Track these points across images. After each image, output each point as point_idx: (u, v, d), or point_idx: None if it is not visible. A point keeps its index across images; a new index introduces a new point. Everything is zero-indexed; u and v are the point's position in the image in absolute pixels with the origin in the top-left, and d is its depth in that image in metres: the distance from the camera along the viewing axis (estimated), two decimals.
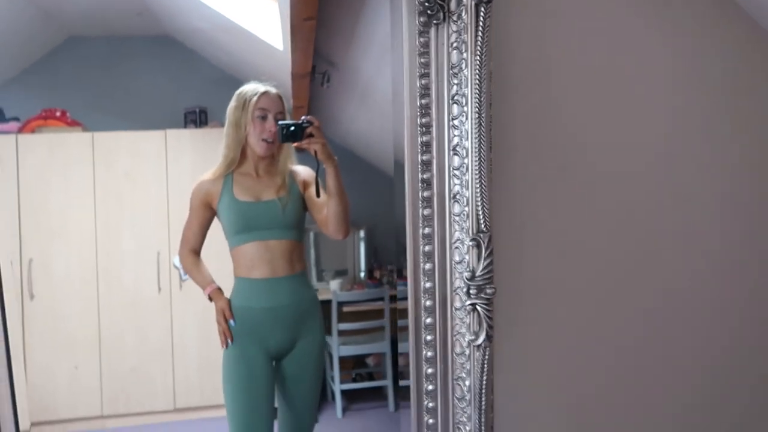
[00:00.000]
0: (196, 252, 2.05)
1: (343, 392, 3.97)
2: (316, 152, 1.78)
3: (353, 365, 4.59)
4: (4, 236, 3.79)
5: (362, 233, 5.01)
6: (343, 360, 4.11)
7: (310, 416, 2.03)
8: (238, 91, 1.96)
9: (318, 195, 1.91)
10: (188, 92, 4.38)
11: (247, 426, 1.87)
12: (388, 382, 3.99)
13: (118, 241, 3.94)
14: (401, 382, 1.08)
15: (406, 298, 1.00)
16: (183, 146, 3.98)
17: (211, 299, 1.97)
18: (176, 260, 4.38)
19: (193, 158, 3.95)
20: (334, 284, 4.32)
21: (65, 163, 3.87)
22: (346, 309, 4.15)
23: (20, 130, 3.86)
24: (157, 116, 4.39)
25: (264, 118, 1.90)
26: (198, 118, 4.23)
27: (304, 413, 2.01)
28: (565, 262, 1.10)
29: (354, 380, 4.52)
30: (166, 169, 3.96)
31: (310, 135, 1.75)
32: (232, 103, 1.95)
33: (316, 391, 2.05)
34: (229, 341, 1.90)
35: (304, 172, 2.03)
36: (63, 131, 3.90)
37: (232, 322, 1.91)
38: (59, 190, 3.87)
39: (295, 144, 1.80)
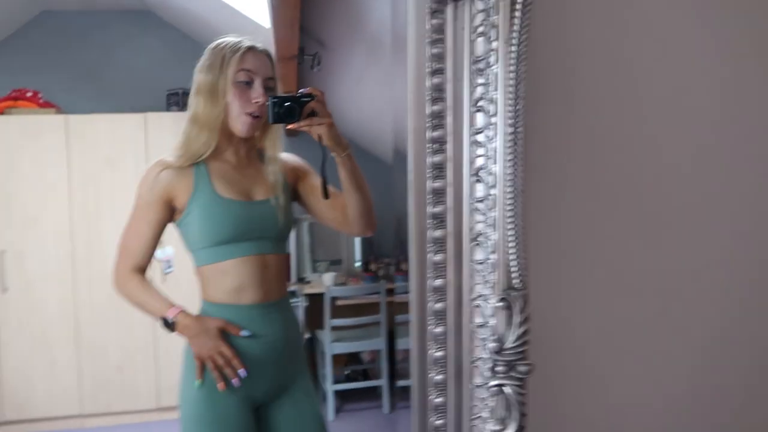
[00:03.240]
0: (142, 270, 1.49)
1: (336, 392, 3.76)
2: (320, 137, 1.32)
3: (346, 362, 4.39)
4: None
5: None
6: (336, 357, 3.90)
7: None
8: (212, 46, 1.43)
9: (326, 196, 1.43)
10: (171, 72, 4.08)
11: None
12: (383, 382, 3.79)
13: (96, 231, 3.69)
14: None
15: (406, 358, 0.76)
16: (165, 130, 3.70)
17: (172, 327, 1.42)
18: (159, 252, 4.15)
19: (175, 143, 3.68)
20: (327, 278, 4.09)
21: (38, 147, 3.59)
22: (340, 303, 3.94)
23: None
24: (138, 98, 4.10)
25: (249, 83, 1.39)
26: (181, 99, 3.94)
27: None
28: (618, 323, 0.84)
29: (348, 376, 4.32)
30: (147, 154, 3.68)
31: (312, 113, 1.29)
32: (204, 62, 1.42)
33: None
34: (242, 372, 1.39)
35: (291, 159, 1.56)
36: (34, 113, 3.62)
37: (245, 332, 1.40)
38: (32, 176, 3.60)
39: (292, 126, 1.29)
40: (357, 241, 4.61)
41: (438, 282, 0.70)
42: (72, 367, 3.72)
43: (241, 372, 1.41)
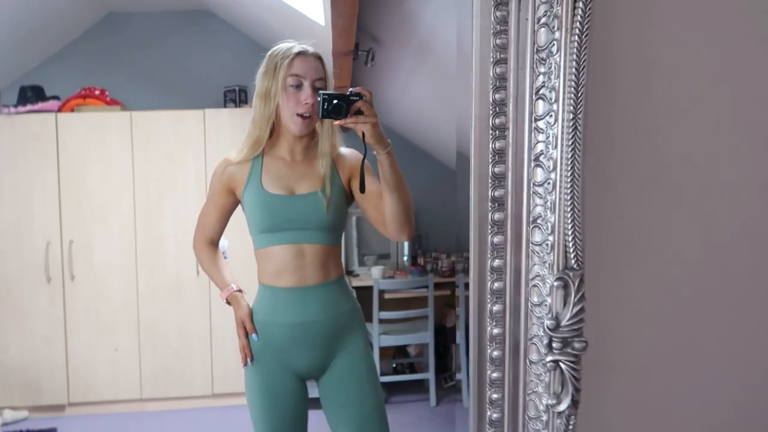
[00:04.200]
0: (214, 243, 1.76)
1: (383, 384, 3.81)
2: (363, 134, 1.40)
3: (394, 354, 4.44)
4: (44, 216, 3.77)
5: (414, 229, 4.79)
6: (383, 349, 3.95)
7: None
8: (269, 52, 1.58)
9: (362, 190, 1.53)
10: (228, 70, 4.23)
11: None
12: (430, 375, 3.83)
13: (157, 222, 3.86)
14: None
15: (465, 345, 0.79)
16: (222, 126, 3.84)
17: (229, 304, 1.69)
18: None
19: (231, 138, 3.81)
20: (376, 271, 4.15)
21: (104, 142, 3.79)
22: (387, 296, 3.99)
23: (60, 109, 3.79)
24: (197, 95, 4.26)
25: (299, 86, 1.52)
26: (237, 96, 4.08)
27: None
28: (668, 307, 0.86)
29: (394, 370, 4.38)
30: (205, 149, 3.83)
31: (359, 112, 1.36)
32: (261, 68, 1.57)
33: (375, 412, 1.65)
34: (249, 360, 1.63)
35: (351, 156, 1.64)
36: (102, 110, 3.81)
37: (254, 336, 1.61)
38: (99, 170, 3.80)
39: (338, 122, 1.39)
40: None
41: (497, 262, 0.74)
42: (133, 353, 3.91)
43: (253, 337, 1.63)
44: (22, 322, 3.81)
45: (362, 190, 1.53)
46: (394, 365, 4.33)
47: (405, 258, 4.72)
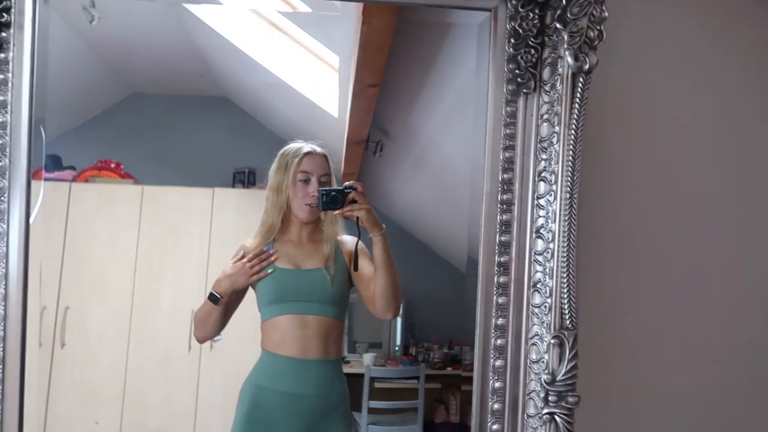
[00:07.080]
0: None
1: None
2: (358, 220, 1.63)
3: None
4: (44, 282, 3.79)
5: (400, 307, 4.82)
6: None
7: None
8: (280, 151, 1.80)
9: (356, 268, 1.73)
10: (239, 153, 4.42)
11: None
12: None
13: (155, 295, 3.88)
14: None
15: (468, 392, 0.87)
16: (229, 205, 3.96)
17: (216, 296, 1.76)
18: None
19: (237, 217, 3.92)
20: (368, 358, 4.13)
21: (113, 213, 3.88)
22: (378, 385, 3.95)
23: (74, 179, 3.93)
24: (207, 174, 4.43)
25: (307, 181, 1.74)
26: (246, 178, 4.24)
27: None
28: (657, 365, 0.96)
29: None
30: (211, 226, 3.93)
31: (353, 201, 1.61)
32: (274, 165, 1.84)
33: None
34: (265, 247, 1.69)
35: (351, 242, 1.82)
36: (115, 182, 3.95)
37: (267, 246, 1.70)
38: (104, 240, 3.86)
39: (337, 211, 1.65)
40: (398, 326, 4.67)
41: (500, 321, 0.83)
42: (114, 427, 3.79)
43: (267, 248, 1.70)
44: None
45: (356, 268, 1.72)
46: None
47: (396, 347, 4.71)
